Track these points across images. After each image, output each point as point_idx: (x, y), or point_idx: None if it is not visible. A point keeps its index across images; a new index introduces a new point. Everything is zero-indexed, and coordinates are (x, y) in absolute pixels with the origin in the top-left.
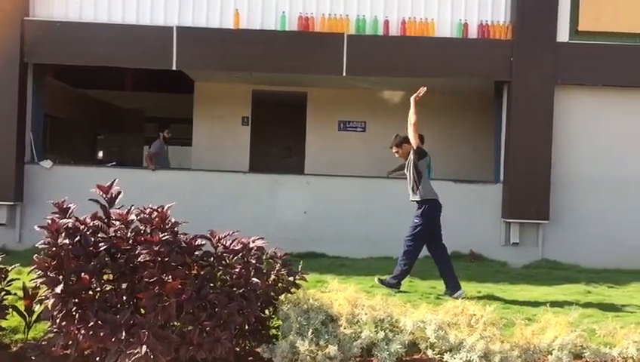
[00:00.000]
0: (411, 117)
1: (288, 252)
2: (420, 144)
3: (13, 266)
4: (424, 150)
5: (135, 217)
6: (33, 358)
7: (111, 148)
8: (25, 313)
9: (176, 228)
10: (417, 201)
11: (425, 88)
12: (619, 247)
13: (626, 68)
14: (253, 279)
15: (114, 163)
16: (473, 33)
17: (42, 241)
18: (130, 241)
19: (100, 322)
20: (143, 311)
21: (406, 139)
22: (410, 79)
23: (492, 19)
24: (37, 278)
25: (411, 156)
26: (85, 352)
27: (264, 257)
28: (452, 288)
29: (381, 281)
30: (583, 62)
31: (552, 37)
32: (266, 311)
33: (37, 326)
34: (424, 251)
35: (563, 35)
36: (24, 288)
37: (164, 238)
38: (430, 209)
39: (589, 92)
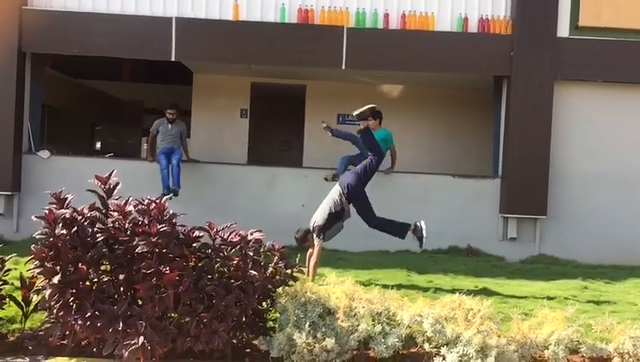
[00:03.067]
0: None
1: (286, 245)
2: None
3: (10, 256)
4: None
5: (133, 208)
6: (30, 348)
7: (109, 139)
8: (22, 303)
9: (174, 220)
10: None
11: None
12: (616, 243)
13: (627, 64)
14: (250, 271)
15: (112, 153)
16: (473, 27)
17: (40, 231)
18: (128, 232)
19: (97, 313)
20: (140, 302)
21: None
22: (409, 73)
23: (492, 14)
24: (34, 268)
25: None
26: (82, 342)
27: (262, 250)
28: (403, 230)
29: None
30: (583, 58)
31: (552, 32)
32: (264, 304)
33: (34, 316)
34: (417, 246)
35: (563, 30)
36: (21, 278)
37: (162, 230)
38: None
39: (589, 88)
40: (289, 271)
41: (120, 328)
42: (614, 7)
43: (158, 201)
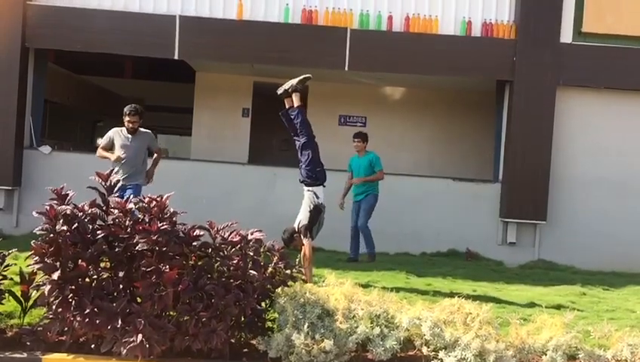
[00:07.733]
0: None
1: None
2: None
3: (10, 251)
4: None
5: (134, 206)
6: (28, 343)
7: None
8: (21, 298)
9: (174, 218)
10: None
11: None
12: (615, 250)
13: (629, 71)
14: (250, 271)
15: None
16: (477, 31)
17: (40, 227)
18: (129, 230)
19: (96, 309)
20: (139, 300)
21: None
22: (412, 76)
23: (496, 18)
24: (34, 264)
25: None
26: (81, 339)
27: (262, 249)
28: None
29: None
30: (586, 64)
31: (555, 38)
32: (263, 304)
33: (33, 312)
34: (417, 249)
35: (566, 36)
36: (21, 273)
37: (162, 228)
38: None
39: (591, 94)
40: (289, 271)
41: (119, 325)
42: (618, 14)
43: (158, 199)
